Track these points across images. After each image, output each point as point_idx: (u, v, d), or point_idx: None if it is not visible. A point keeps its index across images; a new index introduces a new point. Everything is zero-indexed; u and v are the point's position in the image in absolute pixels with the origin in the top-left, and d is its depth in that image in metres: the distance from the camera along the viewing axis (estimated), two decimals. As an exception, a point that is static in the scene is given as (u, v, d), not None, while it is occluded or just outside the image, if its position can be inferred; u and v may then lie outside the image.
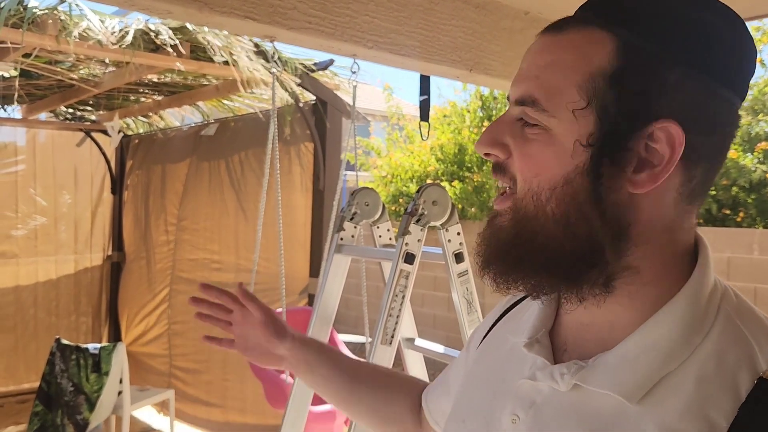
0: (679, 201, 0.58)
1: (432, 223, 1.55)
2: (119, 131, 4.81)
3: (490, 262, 0.61)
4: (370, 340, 2.84)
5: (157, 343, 4.82)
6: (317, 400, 2.79)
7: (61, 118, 5.18)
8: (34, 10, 2.50)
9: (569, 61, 0.56)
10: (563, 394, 0.59)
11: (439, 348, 1.80)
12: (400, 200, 7.23)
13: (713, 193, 5.35)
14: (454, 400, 0.77)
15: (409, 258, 1.50)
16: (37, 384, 4.01)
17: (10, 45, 2.74)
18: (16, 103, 4.55)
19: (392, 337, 1.49)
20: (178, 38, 2.79)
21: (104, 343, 3.22)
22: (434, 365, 1.97)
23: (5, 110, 4.72)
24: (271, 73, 2.55)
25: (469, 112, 7.31)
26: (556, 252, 0.57)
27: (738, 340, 0.55)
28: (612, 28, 0.56)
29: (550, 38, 0.59)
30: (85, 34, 2.62)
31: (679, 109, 0.54)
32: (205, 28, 2.80)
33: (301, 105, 3.61)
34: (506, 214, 0.61)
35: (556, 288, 0.60)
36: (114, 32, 2.67)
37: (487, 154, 0.62)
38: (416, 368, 1.91)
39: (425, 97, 2.16)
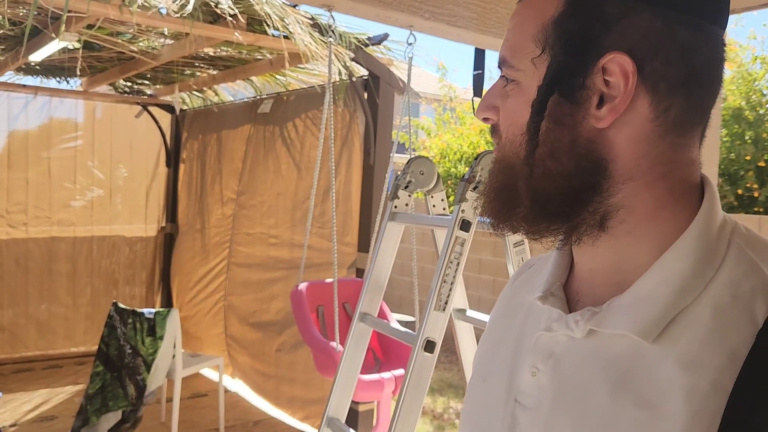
0: (664, 134, 0.58)
1: (489, 191, 1.53)
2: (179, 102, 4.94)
3: (487, 205, 0.65)
4: (417, 318, 2.85)
5: (212, 314, 4.94)
6: (366, 369, 2.82)
7: (120, 91, 5.33)
8: (98, -20, 2.55)
9: (527, 18, 0.61)
10: (580, 341, 0.60)
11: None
12: (449, 181, 7.19)
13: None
14: (475, 363, 0.78)
15: (465, 225, 1.49)
16: (93, 347, 4.18)
17: (74, 14, 2.81)
18: (78, 75, 4.69)
19: (446, 303, 1.49)
20: (237, 8, 2.82)
21: (159, 309, 3.31)
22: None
23: (68, 82, 4.88)
24: (327, 43, 2.55)
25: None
26: (539, 193, 0.59)
27: (752, 269, 0.56)
28: None
29: (519, 4, 0.64)
30: (146, 4, 2.67)
31: (629, 42, 0.56)
32: (263, -1, 2.82)
33: (353, 80, 3.61)
34: (497, 162, 0.65)
35: (550, 230, 0.61)
36: (175, 1, 2.71)
37: (485, 119, 0.67)
38: (466, 340, 1.91)
39: (479, 71, 2.13)
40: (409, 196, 1.77)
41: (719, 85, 0.60)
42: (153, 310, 3.31)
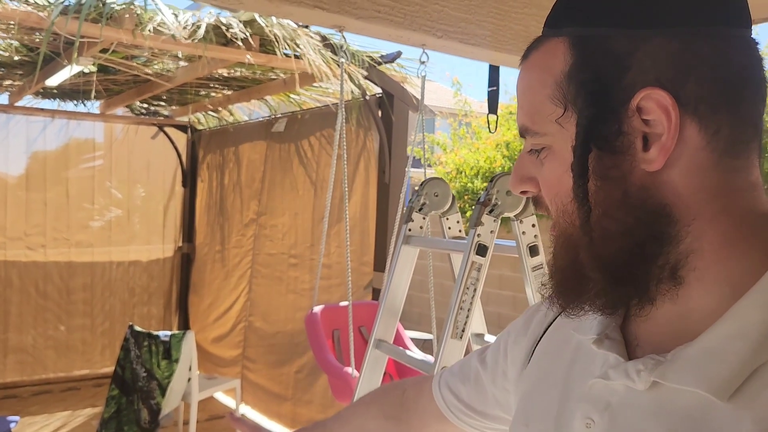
0: (719, 160, 0.53)
1: (505, 214, 1.49)
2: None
3: (557, 288, 0.60)
4: (433, 337, 2.79)
5: (232, 335, 4.92)
6: (382, 395, 2.76)
7: (136, 113, 5.36)
8: (112, 6, 2.57)
9: (536, 79, 0.59)
10: (641, 393, 0.54)
11: (509, 345, 1.74)
12: (465, 197, 7.14)
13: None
14: (518, 402, 0.73)
15: (482, 250, 1.45)
16: (111, 369, 4.17)
17: (87, 40, 2.83)
18: (94, 98, 4.73)
19: (463, 331, 1.44)
20: (248, 32, 2.82)
21: (174, 331, 3.30)
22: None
23: (85, 105, 4.92)
24: (338, 63, 2.54)
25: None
26: (604, 260, 0.55)
27: None
28: (562, 32, 0.57)
29: (522, 67, 0.61)
30: (159, 29, 2.68)
31: (652, 73, 0.52)
32: (274, 20, 2.82)
33: (367, 98, 3.59)
34: (557, 239, 0.61)
35: (624, 299, 0.57)
36: (186, 26, 2.72)
37: (523, 193, 0.64)
38: (485, 365, 1.86)
39: (494, 88, 2.09)
40: (424, 218, 1.74)
41: (765, 87, 0.55)
42: (168, 333, 3.29)
